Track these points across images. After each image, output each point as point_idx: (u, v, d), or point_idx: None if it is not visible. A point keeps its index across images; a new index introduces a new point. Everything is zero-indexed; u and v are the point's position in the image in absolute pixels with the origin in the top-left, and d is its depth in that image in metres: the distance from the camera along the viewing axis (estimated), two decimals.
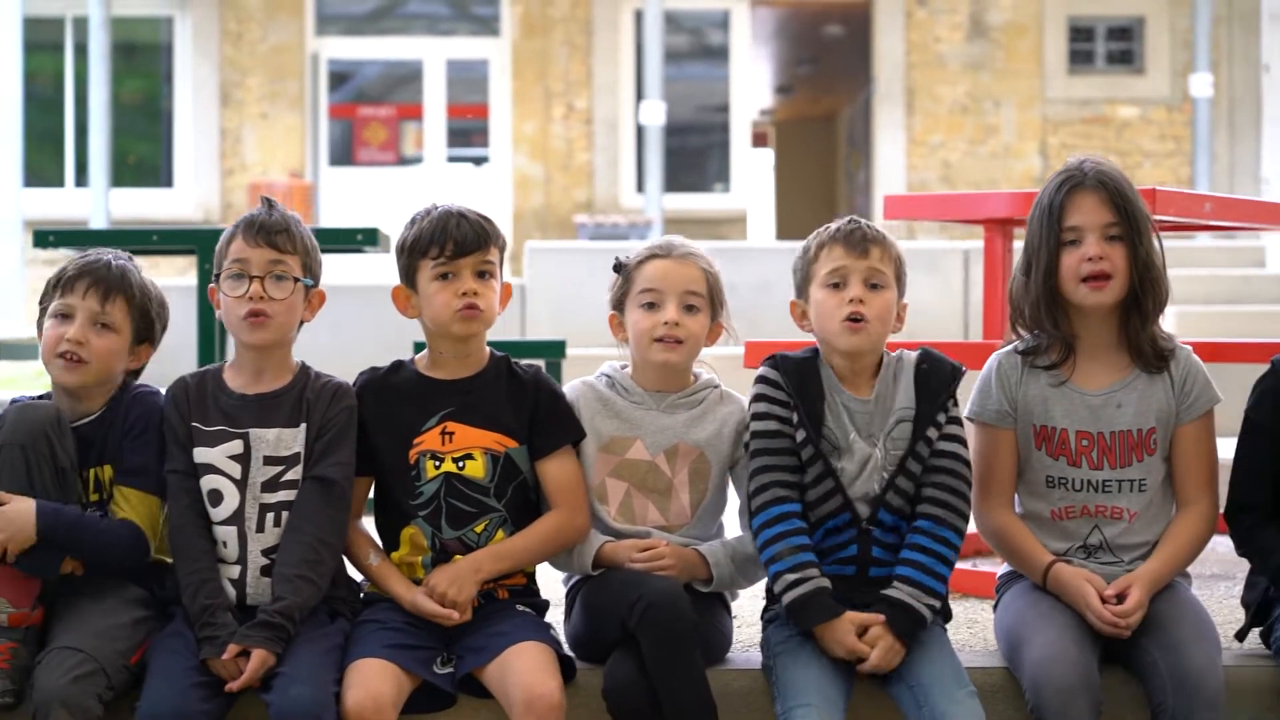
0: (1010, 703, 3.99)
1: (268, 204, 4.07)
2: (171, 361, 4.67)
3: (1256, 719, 4.02)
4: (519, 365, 4.10)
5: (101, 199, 16.45)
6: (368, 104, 19.81)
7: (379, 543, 4.07)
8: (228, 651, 3.77)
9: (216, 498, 3.95)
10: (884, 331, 4.03)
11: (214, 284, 4.03)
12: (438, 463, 3.99)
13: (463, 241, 4.01)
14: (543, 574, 4.18)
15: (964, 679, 3.82)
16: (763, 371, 4.06)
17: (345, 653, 3.85)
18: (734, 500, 4.18)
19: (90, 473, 4.01)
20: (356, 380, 4.09)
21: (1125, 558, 4.05)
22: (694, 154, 20.22)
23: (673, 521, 4.09)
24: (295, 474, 3.96)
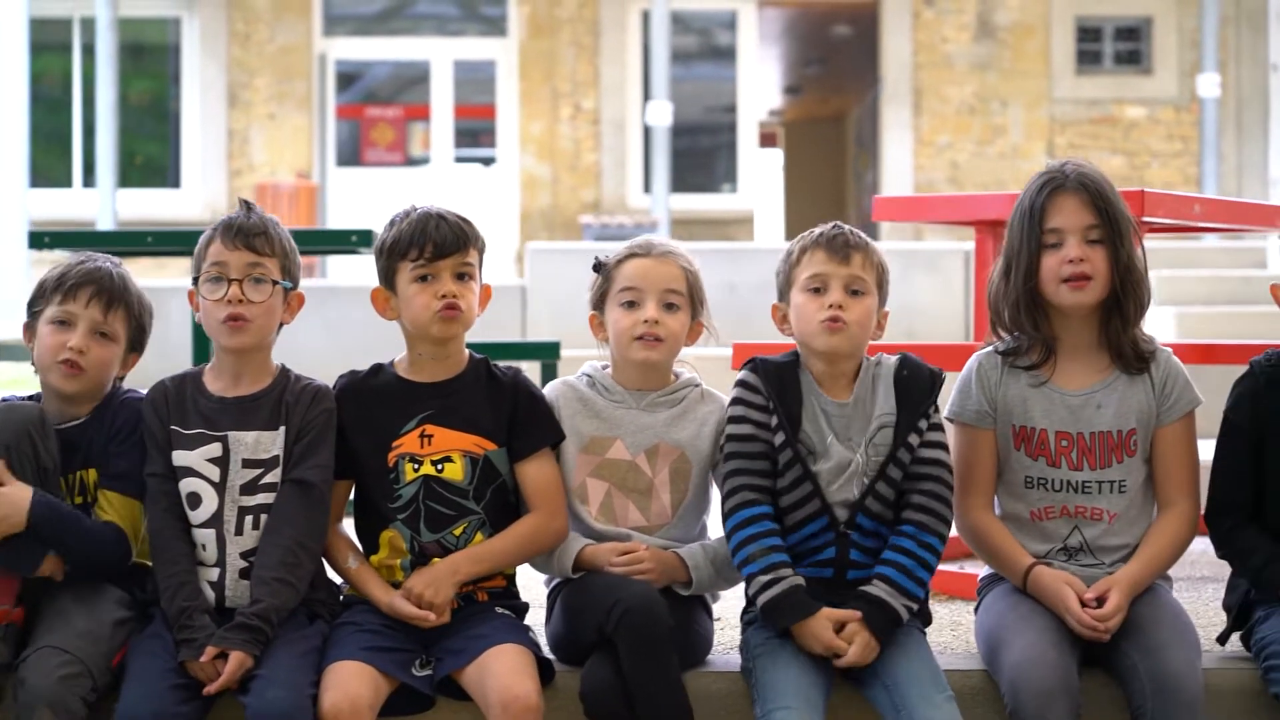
0: (990, 705, 3.98)
1: (246, 206, 4.08)
2: (173, 362, 4.65)
3: None
4: (498, 367, 4.10)
5: (108, 200, 16.46)
6: (375, 104, 19.82)
7: (358, 546, 4.07)
8: (205, 654, 3.77)
9: (195, 500, 3.95)
10: (863, 337, 4.03)
11: (193, 287, 4.04)
12: (416, 465, 3.99)
13: (442, 243, 4.00)
14: (524, 576, 4.18)
15: (942, 682, 3.82)
16: (742, 375, 4.06)
17: (324, 655, 3.85)
18: (718, 501, 4.17)
19: (74, 476, 4.02)
20: (336, 383, 4.08)
21: (1106, 559, 4.04)
22: (702, 154, 20.20)
23: (653, 522, 4.09)
24: (274, 477, 3.96)
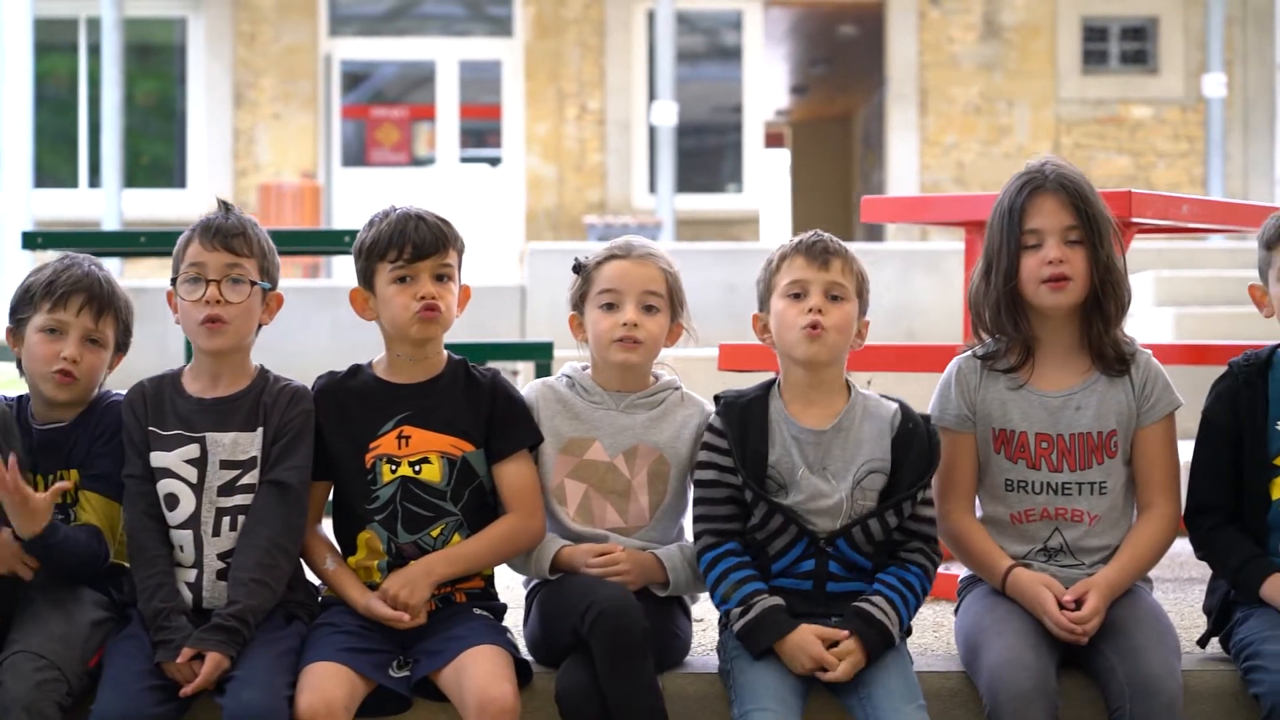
0: (968, 707, 3.98)
1: (224, 207, 4.07)
2: (172, 361, 4.63)
3: None
4: (477, 369, 4.10)
5: (114, 200, 16.48)
6: (380, 105, 19.83)
7: (337, 547, 4.07)
8: (182, 655, 3.77)
9: (173, 501, 3.95)
10: (843, 344, 4.01)
11: (171, 288, 4.03)
12: (394, 467, 3.99)
13: (421, 244, 4.01)
14: (503, 577, 4.18)
15: (915, 693, 3.81)
16: (711, 419, 4.06)
17: (301, 656, 3.85)
18: None
19: (56, 476, 4.01)
20: (314, 384, 4.08)
21: (1086, 561, 4.03)
22: (708, 154, 20.20)
23: (631, 523, 4.08)
24: (252, 478, 3.96)
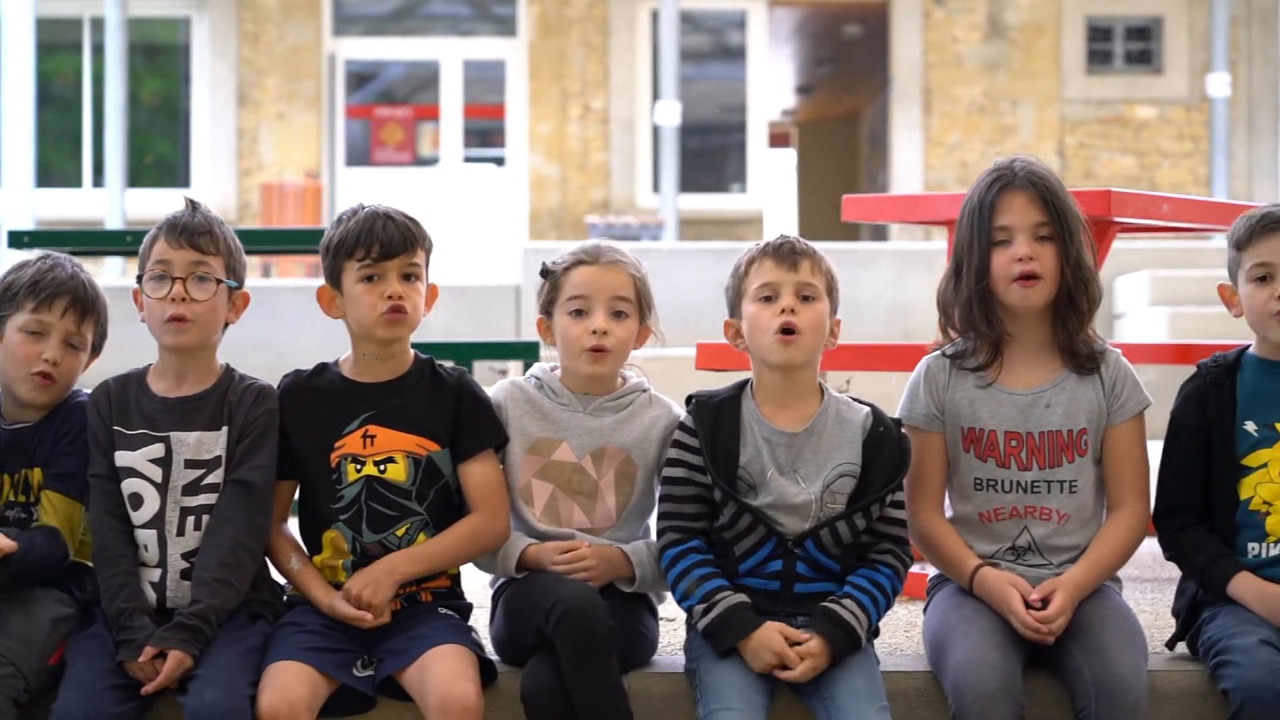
0: (935, 707, 3.97)
1: (191, 205, 4.06)
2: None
3: None
4: (443, 368, 4.09)
5: (117, 199, 16.50)
6: (384, 104, 19.84)
7: (302, 546, 4.06)
8: (144, 654, 3.77)
9: (137, 501, 3.94)
10: (816, 344, 4.00)
11: (137, 286, 4.03)
12: (359, 466, 3.98)
13: (389, 244, 3.99)
14: (470, 577, 4.18)
15: (879, 695, 3.80)
16: (683, 418, 4.05)
17: (264, 655, 3.85)
18: None
19: (20, 475, 4.02)
20: (280, 383, 4.07)
21: (1054, 560, 4.02)
22: (712, 154, 20.21)
23: (598, 524, 4.08)
24: (216, 477, 3.95)
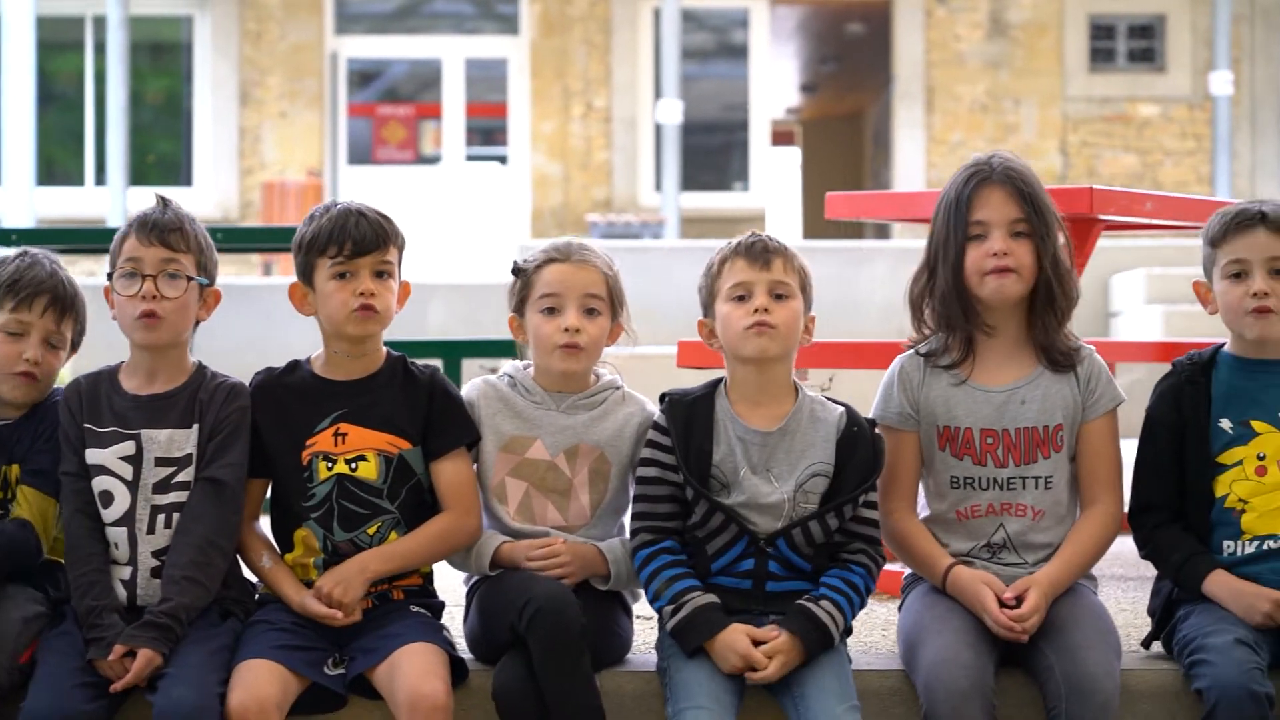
0: (907, 706, 3.95)
1: (162, 202, 4.05)
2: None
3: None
4: (415, 366, 4.08)
5: (119, 198, 16.51)
6: (387, 103, 19.84)
7: (274, 544, 4.05)
8: (114, 652, 3.76)
9: (107, 499, 3.93)
10: (791, 340, 3.99)
11: (108, 283, 4.02)
12: (330, 464, 3.97)
13: (361, 241, 3.98)
14: (444, 575, 4.17)
15: (849, 694, 3.79)
16: (656, 417, 4.04)
17: (235, 653, 3.84)
18: None
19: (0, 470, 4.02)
20: (252, 380, 4.06)
21: (1029, 558, 4.01)
22: (716, 153, 20.21)
23: (572, 522, 4.07)
24: (187, 475, 3.94)
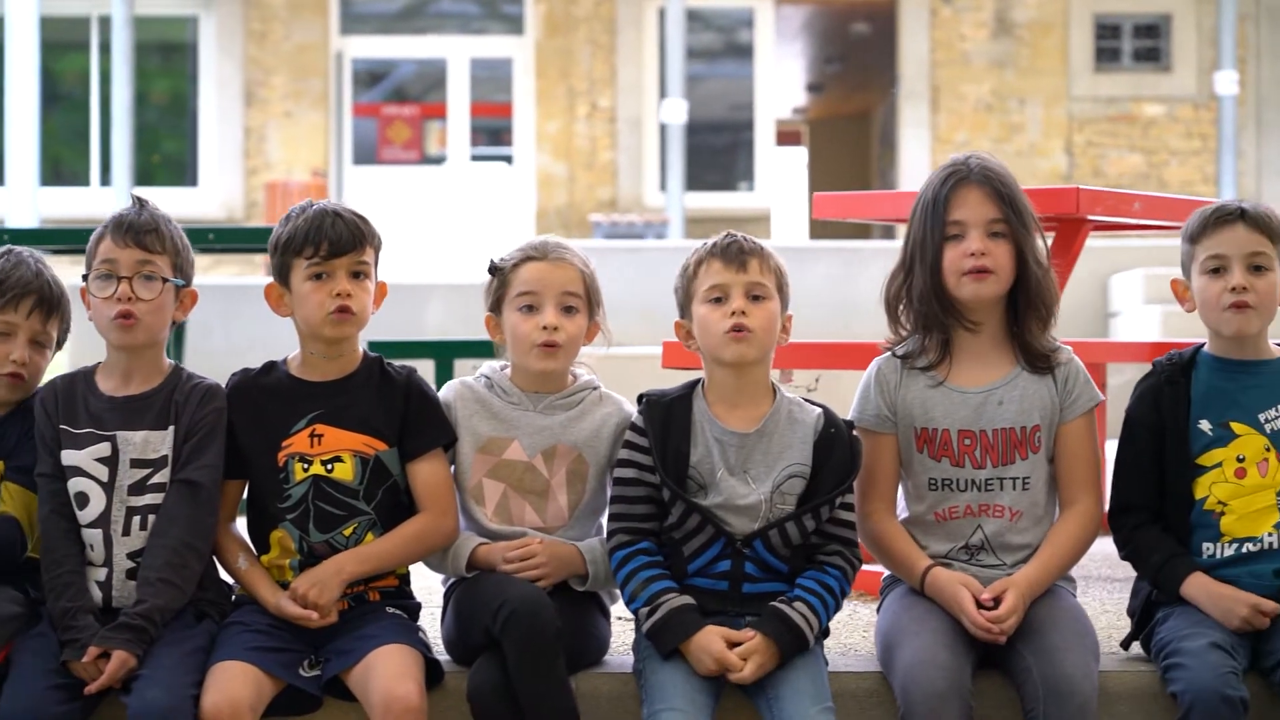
0: (885, 708, 3.94)
1: (138, 203, 4.05)
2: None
3: None
4: (392, 366, 4.07)
5: (124, 198, 16.49)
6: (391, 103, 19.84)
7: (250, 545, 4.05)
8: (88, 654, 3.75)
9: (83, 500, 3.92)
10: (768, 341, 3.98)
11: (83, 284, 4.02)
12: (306, 465, 3.96)
13: (337, 241, 3.97)
14: (422, 576, 4.16)
15: (823, 695, 3.78)
16: (634, 418, 4.03)
17: (210, 655, 3.83)
18: None
19: None
20: (228, 381, 4.06)
21: (1007, 559, 4.00)
22: (721, 152, 20.19)
23: (550, 523, 4.06)
24: (163, 477, 3.93)
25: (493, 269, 4.12)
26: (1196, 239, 4.08)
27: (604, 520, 4.12)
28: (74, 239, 7.80)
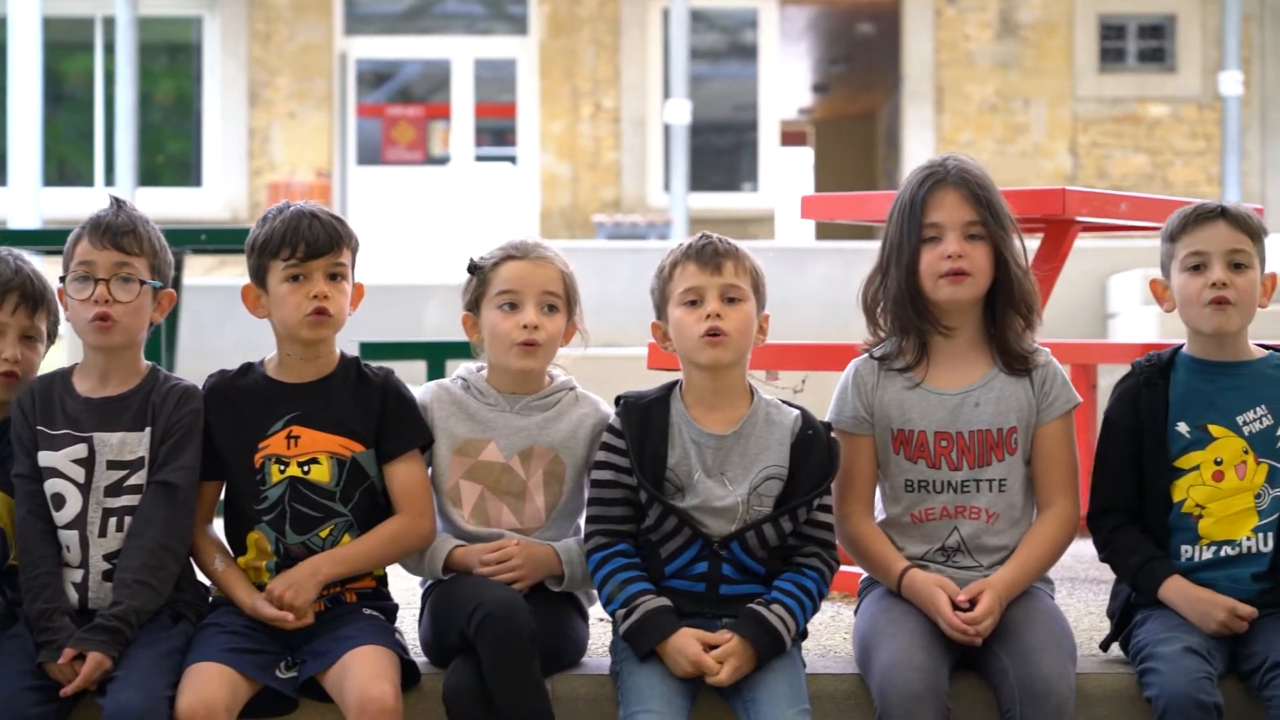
0: (862, 710, 3.94)
1: (116, 204, 4.04)
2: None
3: None
4: (369, 368, 4.07)
5: (128, 198, 16.45)
6: (396, 103, 19.85)
7: (227, 547, 4.04)
8: (63, 655, 3.75)
9: (59, 501, 3.92)
10: (744, 344, 3.98)
11: (61, 285, 4.02)
12: (282, 467, 3.96)
13: (314, 243, 3.96)
14: (401, 578, 4.16)
15: (800, 697, 3.77)
16: (611, 419, 4.03)
17: (186, 656, 3.83)
18: None
19: None
20: (205, 382, 4.06)
21: (984, 561, 4.00)
22: (726, 153, 20.18)
23: (527, 524, 4.06)
24: (139, 478, 3.93)
25: (472, 267, 4.13)
26: (1176, 237, 4.08)
27: (582, 521, 4.12)
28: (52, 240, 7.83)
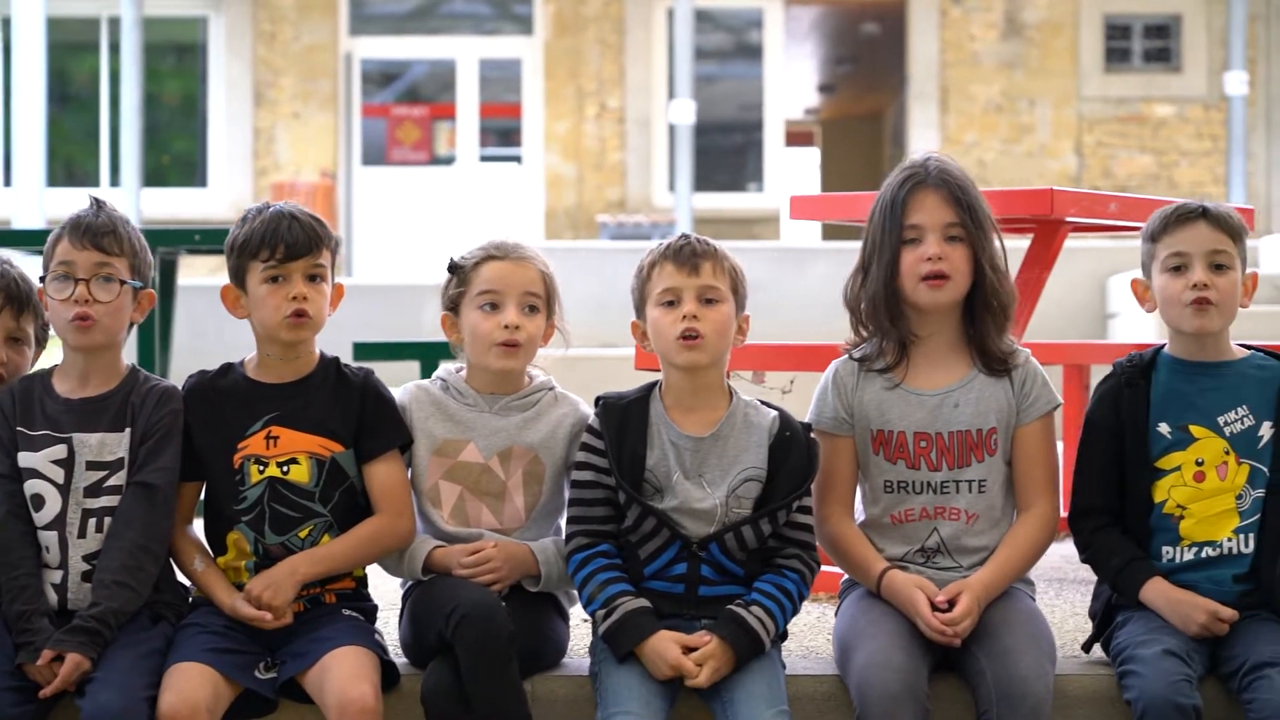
0: (842, 711, 3.93)
1: (96, 204, 4.04)
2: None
3: None
4: (348, 368, 4.07)
5: (133, 199, 16.55)
6: (401, 103, 19.86)
7: (207, 547, 4.04)
8: (42, 657, 3.74)
9: (39, 502, 3.92)
10: (722, 345, 3.97)
11: (41, 285, 4.02)
12: (262, 467, 3.96)
13: (293, 244, 3.96)
14: (381, 578, 4.15)
15: (778, 698, 3.77)
16: (590, 420, 4.02)
17: (166, 657, 3.83)
18: None
19: None
20: (185, 383, 4.06)
21: (964, 562, 3.99)
22: (731, 153, 20.18)
23: (506, 524, 4.05)
24: (119, 479, 3.93)
25: (453, 267, 4.12)
26: (1158, 237, 4.07)
27: (562, 521, 4.12)
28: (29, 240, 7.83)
